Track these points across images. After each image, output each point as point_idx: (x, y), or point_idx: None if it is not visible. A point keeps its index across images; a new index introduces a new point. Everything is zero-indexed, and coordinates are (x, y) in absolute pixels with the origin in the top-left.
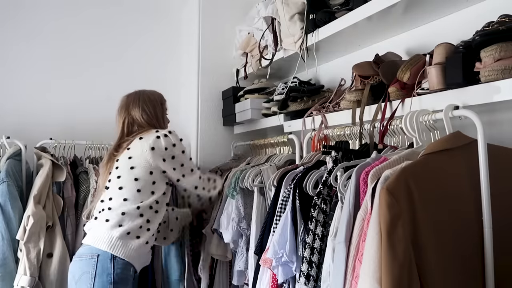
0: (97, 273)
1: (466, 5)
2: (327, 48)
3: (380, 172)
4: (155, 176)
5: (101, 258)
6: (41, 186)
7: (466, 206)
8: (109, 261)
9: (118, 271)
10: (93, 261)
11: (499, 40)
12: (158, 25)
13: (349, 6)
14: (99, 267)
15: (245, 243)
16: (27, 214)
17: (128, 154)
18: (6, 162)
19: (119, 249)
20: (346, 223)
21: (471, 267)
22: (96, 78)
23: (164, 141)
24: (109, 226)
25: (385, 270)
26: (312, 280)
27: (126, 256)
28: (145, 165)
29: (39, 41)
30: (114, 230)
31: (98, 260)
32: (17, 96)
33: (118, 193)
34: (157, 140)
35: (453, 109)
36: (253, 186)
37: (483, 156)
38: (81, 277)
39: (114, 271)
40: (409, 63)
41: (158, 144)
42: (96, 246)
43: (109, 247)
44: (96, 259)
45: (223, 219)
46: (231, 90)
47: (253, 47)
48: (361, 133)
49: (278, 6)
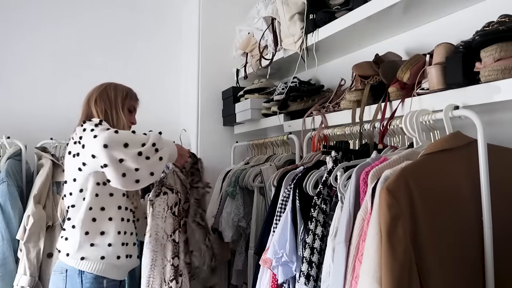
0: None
1: (466, 5)
2: (327, 48)
3: (380, 172)
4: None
5: (69, 273)
6: (41, 186)
7: (466, 206)
8: (76, 276)
9: (87, 285)
10: (62, 276)
11: (499, 40)
12: (158, 25)
13: (349, 6)
14: (68, 282)
15: (244, 243)
16: (27, 214)
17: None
18: (6, 162)
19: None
20: (346, 223)
21: (471, 267)
22: (97, 78)
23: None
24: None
25: (385, 270)
26: (312, 280)
27: (94, 269)
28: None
29: (39, 42)
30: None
31: (66, 276)
32: (17, 96)
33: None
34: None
35: (453, 109)
36: (253, 186)
37: (483, 156)
38: None
39: (83, 286)
40: (409, 63)
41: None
42: (62, 260)
43: (73, 262)
44: (65, 274)
45: (223, 218)
46: (231, 90)
47: (253, 47)
48: (361, 133)
49: (278, 6)
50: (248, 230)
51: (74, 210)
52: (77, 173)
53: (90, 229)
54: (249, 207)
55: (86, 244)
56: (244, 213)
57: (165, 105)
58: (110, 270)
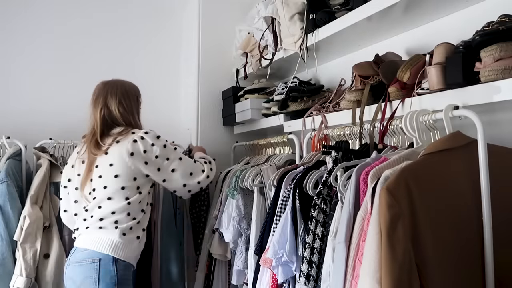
0: (101, 277)
1: (466, 5)
2: (327, 48)
3: (380, 172)
4: (139, 181)
5: (103, 262)
6: (38, 186)
7: (466, 206)
8: (111, 264)
9: (121, 272)
10: (95, 266)
11: (499, 40)
12: (158, 25)
13: (349, 6)
14: (101, 271)
15: (244, 243)
16: (23, 215)
17: (108, 161)
18: (6, 162)
19: (120, 251)
20: (346, 223)
21: (471, 266)
22: (97, 78)
23: (141, 144)
24: (106, 231)
25: (385, 270)
26: (312, 280)
27: (127, 257)
28: (127, 171)
29: (39, 42)
30: (112, 234)
31: (100, 265)
32: (17, 96)
33: (108, 204)
34: (134, 144)
35: (453, 109)
36: (253, 186)
37: (483, 156)
38: (84, 282)
39: (117, 273)
40: (409, 63)
41: (136, 148)
42: (96, 250)
43: (111, 250)
44: (98, 263)
45: (224, 218)
46: (231, 90)
47: (253, 47)
48: (361, 133)
49: (278, 6)
50: (249, 230)
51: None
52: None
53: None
54: (250, 207)
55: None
56: (245, 213)
57: (165, 105)
58: (134, 259)
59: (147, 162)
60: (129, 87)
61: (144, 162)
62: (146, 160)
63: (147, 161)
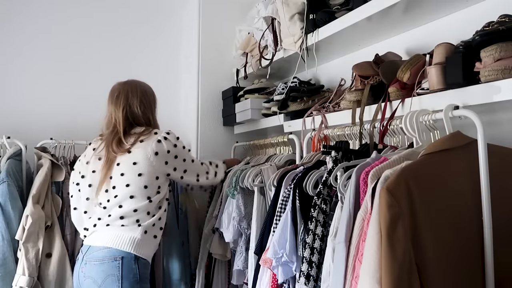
0: (124, 275)
1: (466, 5)
2: (327, 48)
3: (380, 172)
4: (161, 180)
5: (125, 260)
6: (39, 186)
7: (466, 206)
8: (133, 262)
9: (142, 270)
10: (117, 263)
11: (499, 40)
12: (158, 25)
13: (349, 6)
14: (124, 269)
15: (244, 243)
16: (25, 214)
17: (131, 159)
18: (6, 162)
19: (141, 249)
20: (346, 223)
21: (471, 266)
22: (97, 79)
23: (165, 144)
24: (128, 229)
25: (385, 270)
26: (312, 280)
27: (146, 255)
28: (150, 170)
29: (39, 42)
30: (134, 232)
31: (122, 263)
32: (17, 96)
33: (130, 202)
34: (158, 144)
35: (453, 109)
36: (253, 186)
37: (483, 156)
38: (106, 280)
39: (139, 271)
40: (409, 63)
41: (161, 148)
42: (118, 248)
43: (133, 248)
44: (120, 261)
45: (224, 218)
46: (231, 90)
47: (253, 47)
48: (361, 133)
49: (278, 6)
50: (249, 230)
51: (135, 201)
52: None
53: (148, 220)
54: (250, 207)
55: (145, 231)
56: (245, 213)
57: (165, 105)
58: (151, 257)
59: (167, 161)
60: (147, 87)
61: (165, 161)
62: (167, 160)
63: (167, 161)
